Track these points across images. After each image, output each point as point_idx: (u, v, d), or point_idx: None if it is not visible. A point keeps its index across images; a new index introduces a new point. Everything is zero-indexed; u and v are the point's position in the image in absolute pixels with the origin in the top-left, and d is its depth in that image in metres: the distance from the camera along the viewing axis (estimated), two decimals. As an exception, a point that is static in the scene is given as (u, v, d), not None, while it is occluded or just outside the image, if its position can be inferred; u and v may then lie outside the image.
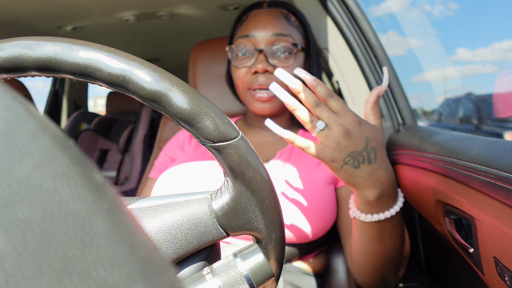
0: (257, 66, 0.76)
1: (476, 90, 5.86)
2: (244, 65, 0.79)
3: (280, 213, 0.35)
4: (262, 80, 0.77)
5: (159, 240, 0.33)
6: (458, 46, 24.17)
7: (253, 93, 0.79)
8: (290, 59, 0.78)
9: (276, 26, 0.78)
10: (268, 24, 0.79)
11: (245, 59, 0.79)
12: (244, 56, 0.79)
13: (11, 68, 0.30)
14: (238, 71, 0.80)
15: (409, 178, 0.82)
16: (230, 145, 0.32)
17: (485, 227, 0.49)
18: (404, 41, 2.46)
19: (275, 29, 0.78)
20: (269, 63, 0.77)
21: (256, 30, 0.78)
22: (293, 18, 0.83)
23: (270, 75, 0.77)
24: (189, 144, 0.89)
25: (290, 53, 0.78)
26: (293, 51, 0.78)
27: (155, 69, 0.30)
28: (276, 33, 0.78)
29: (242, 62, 0.79)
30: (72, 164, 0.12)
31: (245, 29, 0.81)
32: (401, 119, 1.00)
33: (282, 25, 0.79)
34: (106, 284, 0.10)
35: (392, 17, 3.12)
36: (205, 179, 0.74)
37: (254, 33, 0.78)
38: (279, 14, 0.81)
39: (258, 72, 0.77)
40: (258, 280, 0.33)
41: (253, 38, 0.78)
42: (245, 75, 0.79)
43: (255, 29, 0.79)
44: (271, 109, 0.79)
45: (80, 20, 1.39)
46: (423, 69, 2.12)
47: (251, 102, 0.80)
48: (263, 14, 0.81)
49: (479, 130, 5.11)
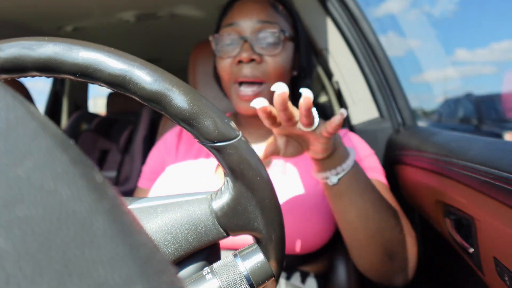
0: (241, 55, 0.70)
1: (476, 91, 5.87)
2: (228, 55, 0.73)
3: (280, 213, 0.35)
4: (248, 71, 0.71)
5: (159, 240, 0.33)
6: (458, 47, 24.29)
7: (237, 90, 0.73)
8: (278, 47, 0.72)
9: (262, 14, 0.73)
10: (254, 11, 0.74)
11: (229, 49, 0.73)
12: (229, 45, 0.73)
13: (11, 69, 0.30)
14: (222, 62, 0.75)
15: (409, 178, 0.82)
16: (230, 145, 0.32)
17: (485, 227, 0.49)
18: (404, 42, 2.47)
19: (260, 17, 0.73)
20: (254, 52, 0.71)
21: (240, 18, 0.73)
22: (280, 7, 0.78)
23: (257, 66, 0.71)
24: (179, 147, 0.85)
25: (278, 41, 0.72)
26: (280, 38, 0.72)
27: (155, 70, 0.30)
28: (262, 20, 0.73)
29: (227, 52, 0.73)
30: (72, 164, 0.12)
31: (229, 18, 0.76)
32: (401, 120, 1.00)
33: (269, 13, 0.74)
34: (106, 284, 0.10)
35: (392, 17, 3.13)
36: (200, 179, 0.74)
37: (238, 21, 0.73)
38: (265, 2, 0.76)
39: (243, 62, 0.71)
40: (258, 280, 0.33)
41: (238, 27, 0.73)
42: (230, 66, 0.73)
43: (239, 17, 0.74)
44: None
45: (80, 21, 1.40)
46: (422, 69, 2.14)
47: (235, 100, 0.75)
48: (249, 2, 0.76)
49: (478, 130, 5.11)
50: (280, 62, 0.73)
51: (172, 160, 0.84)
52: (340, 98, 1.13)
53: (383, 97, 1.03)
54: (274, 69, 0.72)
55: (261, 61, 0.72)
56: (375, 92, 1.04)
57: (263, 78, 0.72)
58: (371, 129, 1.04)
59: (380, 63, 1.01)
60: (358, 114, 1.09)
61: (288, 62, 0.75)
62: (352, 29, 1.03)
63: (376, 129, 1.03)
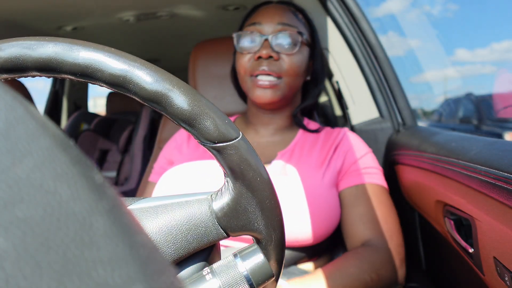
0: (261, 52, 0.77)
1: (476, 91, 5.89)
2: (248, 51, 0.80)
3: (280, 214, 0.35)
4: (265, 66, 0.77)
5: (159, 241, 0.33)
6: (458, 47, 24.38)
7: (254, 80, 0.79)
8: (295, 48, 0.78)
9: (283, 17, 0.80)
10: (276, 14, 0.80)
11: (250, 45, 0.80)
12: (249, 42, 0.80)
13: (12, 68, 0.30)
14: (242, 58, 0.81)
15: (409, 178, 0.82)
16: (230, 145, 0.32)
17: (485, 227, 0.49)
18: (404, 42, 2.48)
19: (281, 19, 0.80)
20: (273, 50, 0.77)
21: (263, 19, 0.80)
22: (300, 15, 0.85)
23: (274, 62, 0.77)
24: (187, 145, 0.88)
25: (295, 42, 0.78)
26: (298, 40, 0.79)
27: (155, 70, 0.30)
28: (283, 22, 0.79)
29: (247, 49, 0.80)
30: (72, 164, 0.12)
31: (253, 18, 0.83)
32: (401, 119, 1.00)
33: (289, 17, 0.81)
34: (106, 284, 0.10)
35: (392, 17, 3.14)
36: (205, 179, 0.74)
37: (261, 21, 0.80)
38: (287, 8, 0.83)
39: (262, 58, 0.77)
40: (258, 280, 0.33)
41: (259, 26, 0.80)
42: (249, 61, 0.80)
43: (262, 18, 0.81)
44: (273, 97, 0.78)
45: (80, 20, 1.40)
46: (423, 69, 2.15)
47: (252, 89, 0.80)
48: (272, 7, 0.83)
49: (478, 130, 5.12)
50: (295, 62, 0.79)
51: (179, 157, 0.86)
52: (340, 98, 1.13)
53: (383, 97, 1.03)
54: (289, 67, 0.78)
55: (278, 58, 0.78)
56: (375, 92, 1.04)
57: (279, 73, 0.78)
58: (371, 129, 1.04)
59: (380, 63, 1.01)
60: (358, 114, 1.09)
61: (302, 64, 0.81)
62: (352, 29, 1.03)
63: (376, 129, 1.03)
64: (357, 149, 0.80)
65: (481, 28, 22.21)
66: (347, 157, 0.79)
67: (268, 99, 0.78)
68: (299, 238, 0.70)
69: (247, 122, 0.90)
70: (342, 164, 0.79)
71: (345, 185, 0.77)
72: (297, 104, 0.88)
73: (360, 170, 0.78)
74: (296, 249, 0.72)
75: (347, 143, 0.81)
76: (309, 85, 0.89)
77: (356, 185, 0.76)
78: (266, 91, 0.78)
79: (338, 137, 0.82)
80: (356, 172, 0.77)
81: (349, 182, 0.77)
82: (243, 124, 0.91)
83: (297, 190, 0.72)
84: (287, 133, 0.86)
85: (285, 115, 0.86)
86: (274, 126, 0.86)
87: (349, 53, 1.06)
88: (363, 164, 0.79)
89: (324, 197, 0.73)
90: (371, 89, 1.04)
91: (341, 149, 0.80)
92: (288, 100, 0.83)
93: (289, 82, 0.79)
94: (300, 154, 0.80)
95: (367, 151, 0.82)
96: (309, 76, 0.87)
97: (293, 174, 0.75)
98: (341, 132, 0.84)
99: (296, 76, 0.80)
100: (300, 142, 0.83)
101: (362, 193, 0.75)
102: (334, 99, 1.49)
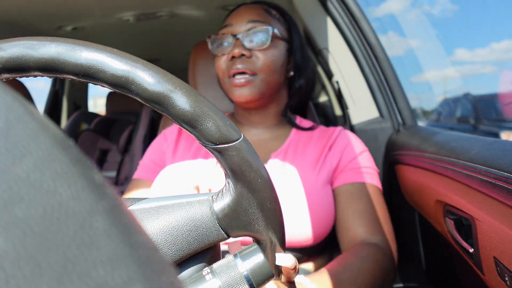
0: (233, 51, 0.77)
1: (476, 90, 5.90)
2: (222, 53, 0.80)
3: (281, 214, 0.35)
4: (239, 64, 0.77)
5: (160, 241, 0.32)
6: (457, 47, 24.38)
7: (231, 80, 0.79)
8: (266, 43, 0.78)
9: (253, 15, 0.80)
10: (246, 13, 0.81)
11: (222, 47, 0.80)
12: (222, 44, 0.80)
13: (14, 68, 0.30)
14: (218, 60, 0.81)
15: (409, 178, 0.82)
16: (232, 147, 0.32)
17: (485, 227, 0.49)
18: (404, 42, 2.48)
19: (251, 17, 0.79)
20: (244, 47, 0.77)
21: (234, 20, 0.81)
22: (274, 11, 0.84)
23: (247, 60, 0.77)
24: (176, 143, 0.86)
25: (266, 37, 0.78)
26: (268, 34, 0.78)
27: (158, 71, 0.30)
28: (253, 20, 0.79)
29: (221, 50, 0.80)
30: (72, 164, 0.12)
31: (226, 21, 0.83)
32: (401, 119, 1.00)
33: (260, 14, 0.81)
34: (106, 284, 0.10)
35: (392, 17, 3.15)
36: (202, 178, 0.74)
37: (231, 22, 0.80)
38: (258, 7, 0.83)
39: (235, 57, 0.77)
40: (258, 280, 0.33)
41: (231, 27, 0.80)
42: (224, 63, 0.80)
43: (233, 19, 0.81)
44: (250, 94, 0.78)
45: (80, 20, 1.40)
46: (423, 69, 2.15)
47: (230, 89, 0.80)
48: (243, 7, 0.83)
49: (475, 129, 5.14)
50: (269, 57, 0.78)
51: (170, 155, 0.85)
52: (340, 97, 1.13)
53: (383, 97, 1.03)
54: (263, 63, 0.78)
55: (251, 55, 0.78)
56: (375, 91, 1.04)
57: (254, 70, 0.77)
58: (371, 129, 1.04)
59: (380, 63, 1.01)
60: (358, 113, 1.09)
61: (278, 59, 0.80)
62: (352, 29, 1.03)
63: (376, 129, 1.03)
64: (354, 147, 0.80)
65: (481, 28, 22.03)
66: (344, 155, 0.79)
67: (245, 97, 0.78)
68: (299, 238, 0.70)
69: (236, 122, 0.89)
70: (338, 162, 0.78)
71: (341, 182, 0.77)
72: (283, 101, 0.87)
73: (357, 168, 0.78)
74: (296, 249, 0.72)
75: (343, 141, 0.81)
76: (295, 81, 0.88)
77: (352, 182, 0.76)
78: (243, 89, 0.77)
79: (333, 135, 0.82)
80: (353, 170, 0.77)
81: (345, 179, 0.77)
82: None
83: (294, 190, 0.72)
84: (280, 132, 0.85)
85: (273, 114, 0.85)
86: (264, 125, 0.86)
87: (349, 53, 1.06)
88: (360, 162, 0.78)
89: (320, 196, 0.73)
90: (371, 89, 1.04)
91: (337, 147, 0.80)
92: (269, 97, 0.82)
93: (265, 78, 0.78)
94: (295, 153, 0.79)
95: (364, 149, 0.82)
96: (292, 71, 0.86)
97: (290, 174, 0.75)
98: (336, 130, 0.84)
99: (272, 71, 0.79)
100: (294, 141, 0.82)
101: (359, 190, 0.75)
102: (334, 99, 1.49)
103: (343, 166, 0.78)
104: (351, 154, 0.79)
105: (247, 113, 0.85)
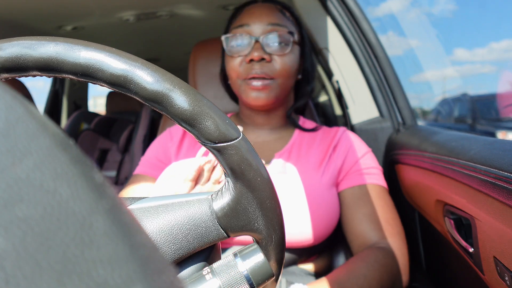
0: (252, 54, 0.75)
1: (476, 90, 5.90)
2: (239, 54, 0.78)
3: (280, 214, 0.35)
4: (258, 68, 0.75)
5: (160, 241, 0.32)
6: (457, 47, 24.40)
7: (248, 82, 0.77)
8: (287, 48, 0.77)
9: (271, 17, 0.78)
10: (263, 14, 0.78)
11: (240, 48, 0.78)
12: (239, 45, 0.78)
13: (13, 68, 0.30)
14: (232, 61, 0.79)
15: (409, 177, 0.82)
16: (231, 145, 0.32)
17: (485, 227, 0.49)
18: (404, 42, 2.48)
19: (270, 19, 0.77)
20: (265, 51, 0.75)
21: (251, 20, 0.78)
22: (287, 13, 0.83)
23: (266, 64, 0.76)
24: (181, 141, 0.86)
25: (287, 42, 0.77)
26: (289, 40, 0.77)
27: (156, 70, 0.30)
28: (272, 23, 0.77)
29: (237, 52, 0.78)
30: (72, 164, 0.12)
31: (240, 20, 0.80)
32: (401, 119, 1.00)
33: (278, 16, 0.79)
34: (106, 284, 0.10)
35: (392, 17, 3.14)
36: None
37: (249, 23, 0.78)
38: (274, 8, 0.81)
39: (254, 61, 0.75)
40: (258, 280, 0.33)
41: (248, 28, 0.77)
42: (240, 65, 0.78)
43: (250, 19, 0.78)
44: (267, 98, 0.77)
45: (80, 20, 1.39)
46: (423, 69, 2.14)
47: (245, 92, 0.78)
48: (258, 6, 0.81)
49: (473, 129, 5.18)
50: (287, 62, 0.77)
51: (175, 153, 0.84)
52: (340, 97, 1.13)
53: (383, 97, 1.03)
54: (282, 68, 0.76)
55: (271, 60, 0.76)
56: (375, 91, 1.04)
57: (272, 75, 0.76)
58: (371, 129, 1.04)
59: (380, 63, 1.01)
60: (358, 113, 1.09)
61: (294, 64, 0.80)
62: (352, 29, 1.03)
63: (376, 129, 1.03)
64: (357, 148, 0.80)
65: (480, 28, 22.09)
66: (348, 156, 0.79)
67: (262, 101, 0.77)
68: (299, 238, 0.70)
69: (241, 123, 0.89)
70: (342, 163, 0.78)
71: (346, 185, 0.77)
72: (290, 104, 0.87)
73: (362, 170, 0.77)
74: (296, 249, 0.72)
75: (346, 142, 0.81)
76: (300, 83, 0.88)
77: (358, 185, 0.76)
78: (260, 93, 0.76)
79: (336, 136, 0.82)
80: (358, 172, 0.77)
81: (351, 182, 0.77)
82: (237, 124, 0.90)
83: (296, 190, 0.72)
84: (283, 133, 0.85)
85: (279, 115, 0.85)
86: (269, 126, 0.85)
87: (349, 53, 1.06)
88: (364, 164, 0.78)
89: (323, 197, 0.73)
90: (371, 88, 1.04)
91: (341, 148, 0.80)
92: (282, 100, 0.82)
93: (282, 83, 0.78)
94: (298, 154, 0.79)
95: (367, 150, 0.82)
96: (300, 74, 0.86)
97: (292, 174, 0.75)
98: (340, 130, 0.83)
99: (289, 76, 0.78)
100: (297, 142, 0.82)
101: (365, 193, 0.75)
102: (334, 99, 1.49)
103: (348, 168, 0.78)
104: (355, 156, 0.79)
105: (253, 114, 0.84)
